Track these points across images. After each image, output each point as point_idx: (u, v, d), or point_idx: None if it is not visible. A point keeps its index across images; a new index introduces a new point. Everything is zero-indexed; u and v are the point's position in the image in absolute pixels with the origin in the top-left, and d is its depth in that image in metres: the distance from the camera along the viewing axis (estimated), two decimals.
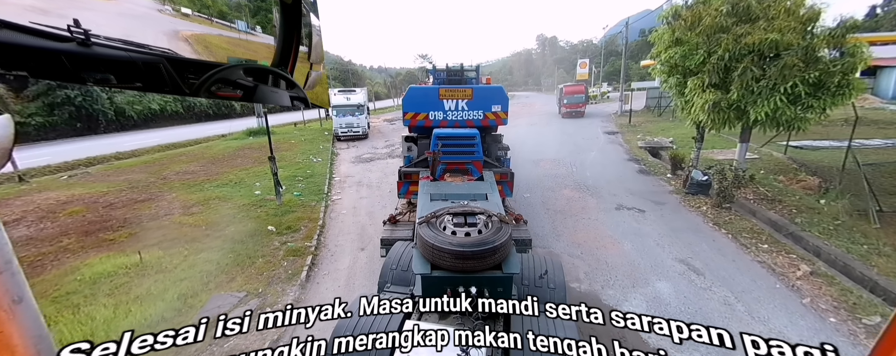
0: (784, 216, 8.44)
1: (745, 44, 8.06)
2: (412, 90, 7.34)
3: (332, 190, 11.84)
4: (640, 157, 14.42)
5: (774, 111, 8.00)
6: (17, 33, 0.95)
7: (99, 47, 1.06)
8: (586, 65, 46.78)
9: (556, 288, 3.68)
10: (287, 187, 11.65)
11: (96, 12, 1.11)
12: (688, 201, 9.82)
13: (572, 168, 13.17)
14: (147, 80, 1.16)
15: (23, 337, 1.07)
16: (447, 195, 4.60)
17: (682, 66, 9.79)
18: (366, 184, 12.43)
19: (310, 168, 14.20)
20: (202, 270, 6.86)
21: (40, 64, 1.00)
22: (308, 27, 1.67)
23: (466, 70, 8.37)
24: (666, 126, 19.98)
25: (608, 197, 10.26)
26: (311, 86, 1.84)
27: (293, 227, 8.65)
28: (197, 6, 1.35)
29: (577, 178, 12.02)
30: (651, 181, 11.60)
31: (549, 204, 9.86)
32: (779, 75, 7.83)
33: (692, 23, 8.95)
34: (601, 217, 8.94)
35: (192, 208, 10.21)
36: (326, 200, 10.67)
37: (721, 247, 7.44)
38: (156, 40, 1.22)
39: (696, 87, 9.05)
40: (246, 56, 1.54)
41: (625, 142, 17.23)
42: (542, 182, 11.68)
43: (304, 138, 20.78)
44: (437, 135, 6.18)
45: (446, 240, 3.20)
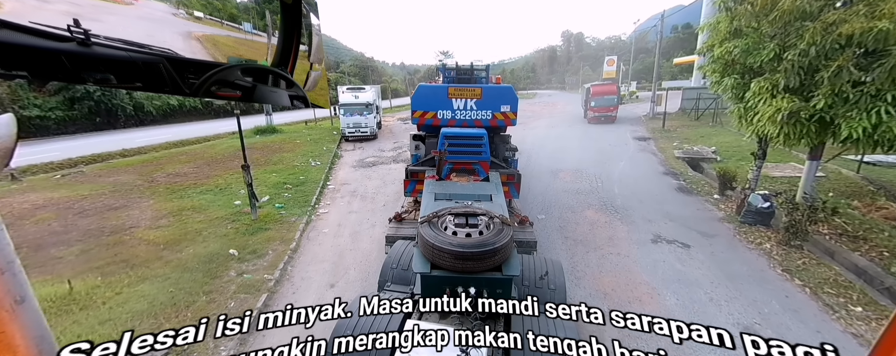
0: (874, 261, 6.35)
1: (840, 35, 5.97)
2: (421, 88, 7.09)
3: (322, 201, 10.40)
4: (679, 170, 12.26)
5: (876, 126, 5.90)
6: (17, 33, 0.96)
7: (99, 47, 1.06)
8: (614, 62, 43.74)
9: (557, 289, 3.68)
10: (271, 197, 10.31)
11: (120, 16, 1.20)
12: (744, 234, 7.77)
13: (597, 181, 11.22)
14: (147, 80, 1.16)
15: (25, 337, 1.08)
16: (451, 195, 4.50)
17: (742, 64, 7.74)
18: (360, 194, 10.94)
19: (305, 173, 12.85)
20: (131, 310, 5.51)
21: (40, 64, 1.01)
22: (308, 27, 1.66)
23: (476, 69, 7.92)
24: (706, 132, 17.54)
25: (642, 223, 8.33)
26: (311, 86, 1.78)
27: (259, 251, 7.23)
28: (208, 10, 1.41)
29: (603, 195, 10.09)
30: (694, 203, 9.54)
31: (568, 229, 8.05)
32: (887, 78, 5.73)
33: (762, 7, 6.88)
34: (634, 252, 7.06)
35: (162, 220, 9.00)
36: (310, 215, 9.23)
37: (799, 309, 5.47)
38: (172, 41, 1.25)
39: (763, 91, 6.98)
40: (251, 56, 1.54)
41: (659, 150, 15.02)
42: (560, 199, 9.84)
43: (310, 138, 19.56)
44: (445, 134, 5.99)
45: (447, 240, 3.16)
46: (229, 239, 7.80)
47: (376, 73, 54.16)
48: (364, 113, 19.16)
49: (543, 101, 40.62)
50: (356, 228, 8.50)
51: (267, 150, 16.77)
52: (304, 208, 9.56)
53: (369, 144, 18.60)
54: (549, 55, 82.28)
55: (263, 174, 12.66)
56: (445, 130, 6.17)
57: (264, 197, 10.17)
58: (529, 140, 17.43)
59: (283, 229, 8.28)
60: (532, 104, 37.27)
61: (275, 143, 18.16)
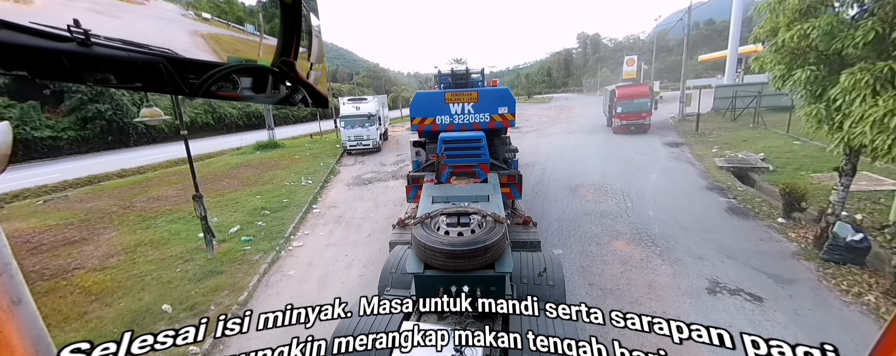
0: None
1: None
2: (419, 96, 7.09)
3: (300, 229, 8.88)
4: (725, 183, 10.10)
5: None
6: (17, 33, 0.95)
7: (99, 47, 1.05)
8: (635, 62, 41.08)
9: (556, 285, 3.64)
10: (242, 226, 8.86)
11: (135, 14, 1.20)
12: (832, 277, 5.68)
13: (626, 200, 9.25)
14: (147, 80, 1.16)
15: (22, 337, 1.08)
16: (449, 197, 4.38)
17: (821, 52, 5.78)
18: (346, 220, 9.36)
19: (291, 194, 11.41)
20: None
21: (40, 64, 1.00)
22: (308, 27, 1.61)
23: (471, 73, 8.02)
24: (747, 135, 15.14)
25: (690, 261, 6.34)
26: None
27: (198, 307, 5.70)
28: (216, 12, 1.42)
29: (634, 219, 8.13)
30: (753, 230, 7.44)
31: (593, 271, 6.17)
32: None
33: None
34: (686, 309, 5.11)
35: (112, 259, 7.65)
36: (280, 250, 7.69)
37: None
38: (180, 37, 1.27)
39: (861, 87, 4.98)
40: (251, 56, 1.52)
41: (696, 158, 12.82)
42: (582, 226, 7.94)
43: (310, 153, 18.29)
44: (443, 139, 6.03)
45: (438, 239, 3.15)
46: (172, 286, 6.32)
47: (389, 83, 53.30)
48: (366, 125, 17.75)
49: (560, 105, 38.39)
50: (329, 269, 6.89)
51: (262, 168, 15.55)
52: (274, 241, 8.03)
53: (371, 158, 17.14)
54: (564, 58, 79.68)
55: (246, 197, 11.31)
56: (444, 135, 6.15)
57: (234, 227, 8.74)
58: (545, 150, 15.52)
59: (240, 272, 6.75)
60: (548, 109, 35.16)
61: (273, 160, 16.96)
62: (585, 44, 76.85)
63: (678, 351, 3.89)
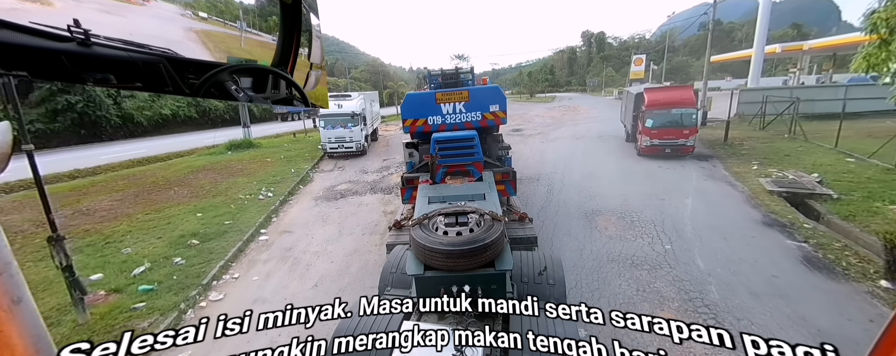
0: None
1: None
2: (409, 97, 6.92)
3: (229, 271, 6.57)
4: (784, 216, 7.71)
5: None
6: (17, 33, 0.94)
7: (99, 47, 1.04)
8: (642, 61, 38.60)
9: (556, 284, 3.57)
10: (152, 265, 6.56)
11: (136, 14, 1.20)
12: None
13: (662, 239, 6.90)
14: (147, 80, 1.14)
15: (22, 336, 1.06)
16: (445, 197, 4.23)
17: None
18: (295, 255, 7.07)
19: (239, 213, 9.10)
20: None
21: (40, 64, 0.99)
22: (308, 27, 1.59)
23: (461, 72, 7.82)
24: (787, 148, 12.74)
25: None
26: (311, 86, 1.71)
27: None
28: (213, 11, 1.39)
29: (680, 273, 5.79)
30: (850, 298, 5.09)
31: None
32: None
33: None
34: None
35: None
36: (184, 312, 5.40)
37: None
38: (177, 36, 1.25)
39: None
40: (251, 56, 1.48)
41: (733, 176, 10.43)
42: (607, 281, 5.63)
43: (285, 155, 15.97)
44: (436, 139, 5.94)
45: (437, 240, 3.07)
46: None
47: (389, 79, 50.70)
48: (349, 125, 15.42)
49: (564, 106, 35.86)
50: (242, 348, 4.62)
51: (224, 173, 13.24)
52: (185, 292, 5.74)
53: (353, 163, 14.83)
54: (568, 56, 76.84)
55: (184, 214, 9.02)
56: (436, 135, 6.09)
57: (141, 265, 6.46)
58: (550, 158, 13.13)
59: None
60: (551, 109, 32.66)
61: (240, 163, 14.65)
62: (590, 42, 73.87)
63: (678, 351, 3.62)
